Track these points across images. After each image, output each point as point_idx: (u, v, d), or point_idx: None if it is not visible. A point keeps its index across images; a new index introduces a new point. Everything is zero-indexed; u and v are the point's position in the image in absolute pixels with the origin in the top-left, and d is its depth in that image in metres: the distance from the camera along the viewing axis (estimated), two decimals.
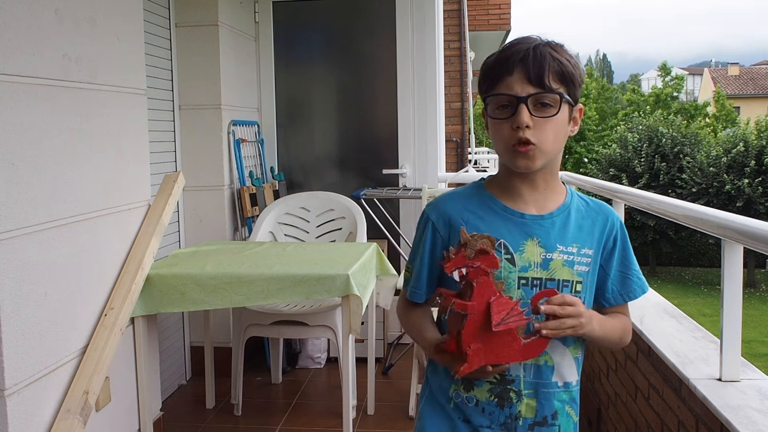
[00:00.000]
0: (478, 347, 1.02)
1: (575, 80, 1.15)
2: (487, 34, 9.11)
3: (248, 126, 3.90)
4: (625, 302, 1.27)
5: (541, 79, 1.11)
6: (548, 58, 1.12)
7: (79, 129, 2.16)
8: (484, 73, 1.18)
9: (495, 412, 1.18)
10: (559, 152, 1.20)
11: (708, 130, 25.00)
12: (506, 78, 1.13)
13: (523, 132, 1.11)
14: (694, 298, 16.12)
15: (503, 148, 1.16)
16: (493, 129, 1.17)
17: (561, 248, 1.18)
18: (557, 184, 1.24)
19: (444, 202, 1.24)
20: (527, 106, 1.11)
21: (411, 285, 1.27)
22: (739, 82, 37.67)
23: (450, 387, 1.22)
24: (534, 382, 1.17)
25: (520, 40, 1.17)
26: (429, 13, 4.02)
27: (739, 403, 1.57)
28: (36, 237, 1.92)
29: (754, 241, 1.54)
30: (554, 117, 1.13)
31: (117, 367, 2.37)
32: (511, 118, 1.12)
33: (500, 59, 1.15)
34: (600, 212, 1.25)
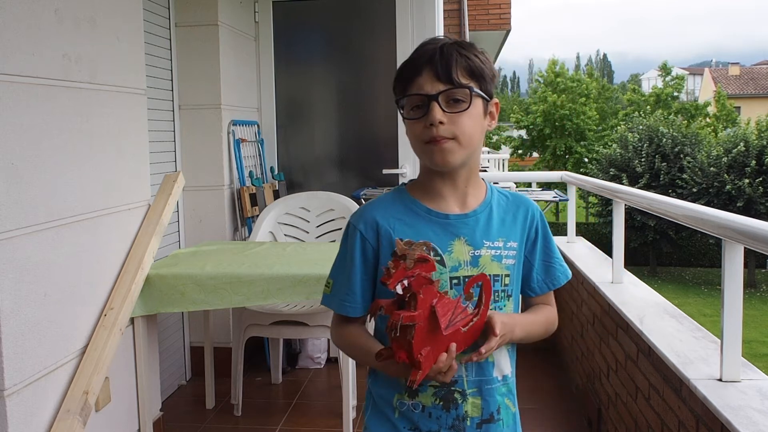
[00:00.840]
0: (428, 352, 1.02)
1: (485, 74, 1.17)
2: (487, 34, 9.11)
3: (248, 126, 3.89)
4: (549, 290, 1.30)
5: (450, 75, 1.13)
6: (455, 55, 1.14)
7: (79, 129, 2.16)
8: (396, 77, 1.19)
9: (442, 416, 1.18)
10: (477, 148, 1.20)
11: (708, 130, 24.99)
12: (416, 79, 1.15)
13: (437, 129, 1.12)
14: (694, 298, 16.11)
15: (420, 147, 1.17)
16: (410, 130, 1.18)
17: (488, 244, 1.20)
18: (477, 181, 1.25)
19: (370, 211, 1.23)
20: (439, 103, 1.12)
21: (341, 299, 1.24)
22: (740, 82, 37.66)
23: (394, 396, 1.21)
24: (477, 380, 1.18)
25: (428, 42, 1.19)
26: (429, 13, 4.02)
27: (740, 404, 1.57)
28: (36, 237, 1.92)
29: (755, 241, 1.54)
30: (467, 111, 1.14)
31: (117, 368, 2.37)
32: (424, 117, 1.14)
33: (409, 61, 1.17)
34: (520, 205, 1.27)
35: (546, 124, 29.31)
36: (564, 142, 29.12)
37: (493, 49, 10.80)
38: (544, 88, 30.64)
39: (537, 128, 29.56)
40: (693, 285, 17.78)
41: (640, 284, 2.83)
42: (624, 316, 2.34)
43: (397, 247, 1.03)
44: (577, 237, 4.11)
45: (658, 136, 18.18)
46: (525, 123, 30.30)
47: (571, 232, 4.11)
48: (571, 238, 4.08)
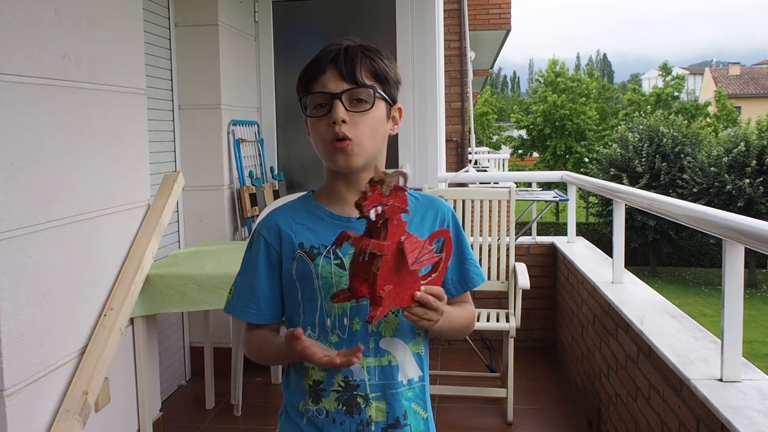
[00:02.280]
0: (390, 290, 0.99)
1: (389, 77, 1.18)
2: (487, 34, 9.11)
3: (248, 126, 3.89)
4: (465, 291, 1.27)
5: (354, 75, 1.13)
6: (360, 56, 1.15)
7: (79, 129, 2.16)
8: (300, 75, 1.19)
9: (345, 421, 1.15)
10: (379, 151, 1.19)
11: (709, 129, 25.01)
12: (320, 77, 1.15)
13: (339, 127, 1.11)
14: (694, 299, 16.10)
15: (322, 147, 1.15)
16: (312, 129, 1.17)
17: None
18: None
19: (273, 217, 1.22)
20: (342, 101, 1.12)
21: (244, 305, 1.21)
22: (740, 82, 37.65)
23: (300, 402, 1.19)
24: (380, 384, 1.16)
25: (333, 42, 1.18)
26: (429, 13, 4.01)
27: (740, 404, 1.57)
28: (36, 237, 1.92)
29: (755, 241, 1.54)
30: (369, 112, 1.14)
31: (116, 368, 2.37)
32: (327, 115, 1.13)
33: (314, 60, 1.17)
34: (430, 206, 1.24)
35: (546, 124, 29.32)
36: (564, 142, 29.12)
37: (493, 49, 10.80)
38: (544, 88, 30.65)
39: (537, 128, 29.56)
40: (693, 285, 17.78)
41: (640, 284, 2.83)
42: (624, 316, 2.34)
43: (375, 172, 1.01)
44: (578, 237, 4.11)
45: (658, 136, 18.18)
46: (525, 123, 30.31)
47: (571, 232, 4.11)
48: (571, 238, 4.08)
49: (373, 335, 1.15)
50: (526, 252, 4.03)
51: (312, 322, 1.16)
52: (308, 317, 1.16)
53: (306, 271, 1.15)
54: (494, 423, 3.00)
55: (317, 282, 1.15)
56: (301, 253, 1.16)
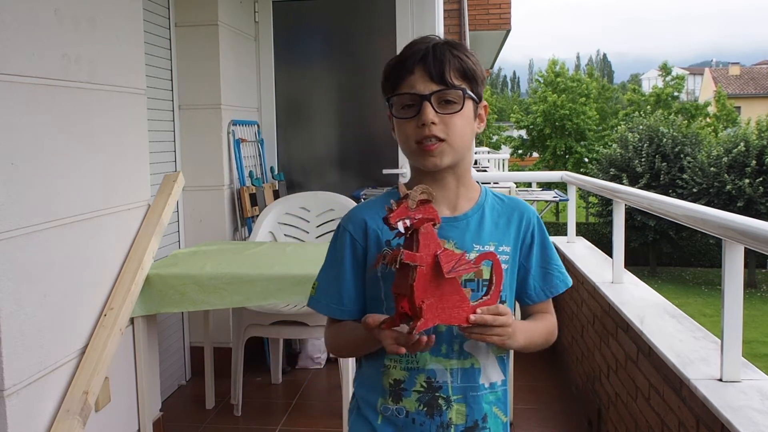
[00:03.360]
0: (431, 302, 0.98)
1: (477, 77, 1.16)
2: (487, 34, 9.11)
3: (248, 126, 3.89)
4: (548, 298, 1.26)
5: (443, 76, 1.11)
6: (448, 55, 1.13)
7: (79, 129, 2.16)
8: (386, 74, 1.17)
9: (426, 423, 1.15)
10: (468, 150, 1.19)
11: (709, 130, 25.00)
12: (408, 77, 1.13)
13: (429, 129, 1.11)
14: (694, 299, 16.11)
15: (410, 148, 1.15)
16: (399, 129, 1.16)
17: (477, 248, 1.16)
18: (470, 183, 1.22)
19: (359, 212, 1.22)
20: (431, 103, 1.11)
21: (329, 302, 1.21)
22: (740, 82, 37.66)
23: (378, 400, 1.18)
24: (462, 387, 1.15)
25: (419, 40, 1.17)
26: (429, 13, 4.01)
27: (740, 404, 1.57)
28: (36, 237, 1.92)
29: (755, 241, 1.54)
30: (459, 113, 1.13)
31: (116, 368, 2.37)
32: (416, 117, 1.12)
33: (401, 60, 1.15)
34: (515, 209, 1.23)
35: (546, 124, 29.32)
36: (564, 142, 29.12)
37: (493, 49, 10.79)
38: (544, 88, 30.64)
39: (537, 128, 29.56)
40: (693, 285, 17.78)
41: (640, 284, 2.82)
42: (624, 316, 2.34)
43: (399, 189, 1.01)
44: (577, 237, 4.11)
45: (658, 136, 18.18)
46: (525, 123, 30.30)
47: (571, 232, 4.11)
48: (571, 238, 4.08)
49: (458, 338, 1.13)
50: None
51: None
52: None
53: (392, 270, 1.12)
54: None
55: None
56: (388, 250, 1.14)
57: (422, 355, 1.13)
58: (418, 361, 1.15)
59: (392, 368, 1.16)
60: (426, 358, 1.14)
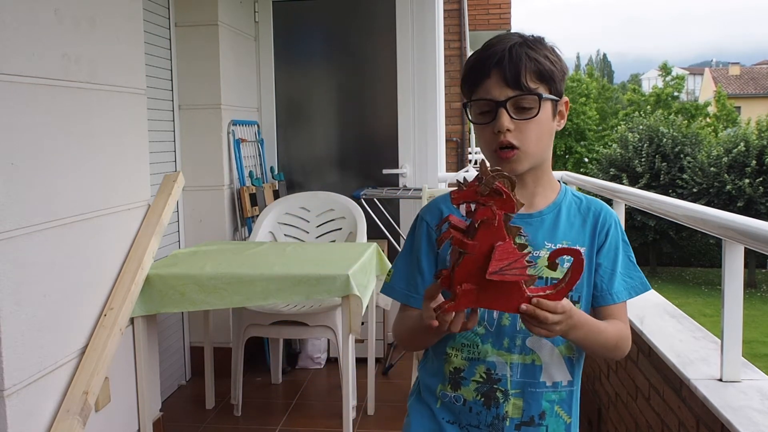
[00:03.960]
0: (469, 288, 0.94)
1: (555, 76, 1.15)
2: (487, 34, 9.10)
3: (248, 126, 3.89)
4: (621, 301, 1.20)
5: (518, 80, 1.10)
6: (524, 58, 1.11)
7: (79, 129, 2.16)
8: (464, 76, 1.17)
9: (482, 412, 1.16)
10: (546, 151, 1.18)
11: (709, 130, 24.98)
12: (484, 82, 1.12)
13: (504, 136, 1.10)
14: (694, 299, 16.11)
15: (488, 152, 1.15)
16: (478, 134, 1.17)
17: (549, 245, 1.15)
18: (549, 182, 1.22)
19: (439, 203, 1.23)
20: (507, 109, 1.10)
21: (406, 291, 1.21)
22: (740, 82, 37.65)
23: (437, 386, 1.21)
24: (521, 382, 1.15)
25: (497, 41, 1.14)
26: (429, 13, 4.02)
27: (740, 404, 1.57)
28: (36, 237, 1.92)
29: (755, 241, 1.54)
30: (535, 118, 1.12)
31: (116, 368, 2.37)
32: (492, 123, 1.11)
33: (478, 62, 1.13)
34: (593, 209, 1.22)
35: None
36: (564, 142, 29.12)
37: None
38: None
39: None
40: (693, 285, 17.78)
41: None
42: None
43: (480, 167, 0.94)
44: None
45: (658, 136, 18.18)
46: None
47: None
48: None
49: (521, 332, 1.13)
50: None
51: None
52: None
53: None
54: None
55: None
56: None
57: (483, 346, 1.15)
58: (480, 352, 1.15)
59: (453, 356, 1.17)
60: (487, 350, 1.15)
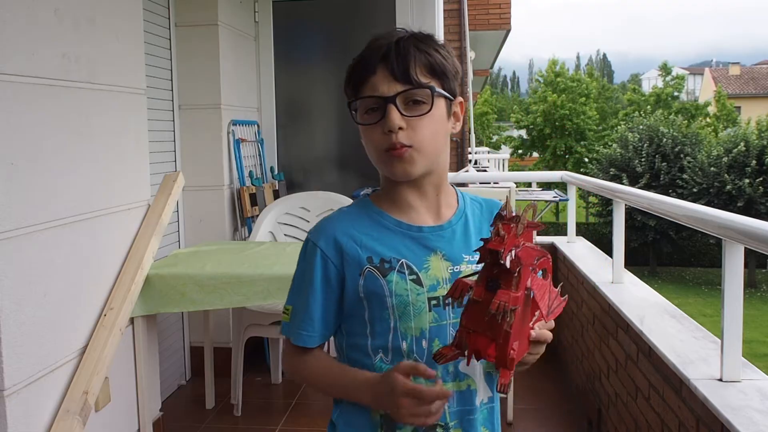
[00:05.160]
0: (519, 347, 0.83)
1: (447, 71, 1.04)
2: (487, 34, 9.11)
3: (248, 126, 3.89)
4: None
5: (408, 74, 1.00)
6: (413, 50, 1.01)
7: (79, 129, 2.16)
8: (347, 76, 1.06)
9: None
10: (442, 153, 1.07)
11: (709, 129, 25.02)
12: (370, 78, 1.02)
13: (396, 135, 0.99)
14: (694, 299, 16.10)
15: (377, 156, 1.04)
16: (364, 137, 1.04)
17: (467, 258, 1.06)
18: (447, 188, 1.11)
19: (331, 226, 1.07)
20: (396, 106, 0.99)
21: (298, 327, 1.07)
22: (740, 82, 37.65)
23: None
24: (458, 411, 1.05)
25: (382, 36, 1.05)
26: (429, 13, 4.02)
27: (740, 404, 1.57)
28: (36, 237, 1.92)
29: (755, 241, 1.54)
30: (428, 114, 1.01)
31: (116, 368, 2.37)
32: (381, 122, 1.00)
33: (362, 59, 1.04)
34: (495, 210, 1.13)
35: (546, 124, 29.33)
36: (564, 142, 29.13)
37: (493, 49, 10.79)
38: (544, 87, 30.66)
39: (537, 128, 29.58)
40: (693, 285, 17.78)
41: (640, 284, 2.82)
42: (624, 316, 2.34)
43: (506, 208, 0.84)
44: (577, 237, 4.11)
45: (658, 136, 18.18)
46: (525, 123, 30.32)
47: (571, 232, 4.10)
48: (571, 238, 4.07)
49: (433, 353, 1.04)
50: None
51: (384, 345, 1.04)
52: (379, 340, 1.04)
53: (376, 289, 1.02)
54: None
55: (390, 300, 1.02)
56: (371, 268, 1.03)
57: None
58: None
59: None
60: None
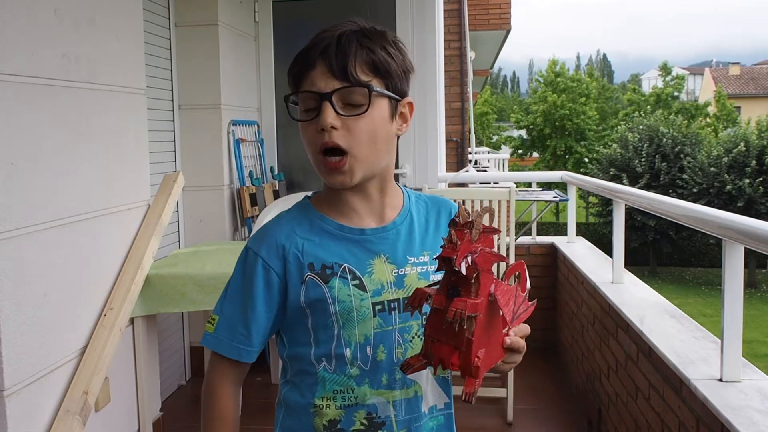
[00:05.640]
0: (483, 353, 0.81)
1: (391, 69, 0.98)
2: (487, 34, 9.11)
3: (248, 126, 3.89)
4: None
5: (345, 70, 0.94)
6: (354, 46, 0.96)
7: (79, 129, 2.16)
8: (289, 69, 1.01)
9: None
10: (385, 155, 1.00)
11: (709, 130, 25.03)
12: (309, 73, 0.96)
13: (330, 135, 0.94)
14: (694, 299, 16.10)
15: (313, 157, 0.99)
16: (302, 133, 0.99)
17: (412, 260, 1.02)
18: (392, 189, 1.06)
19: (272, 233, 1.02)
20: (332, 104, 0.94)
21: (233, 340, 1.02)
22: (740, 82, 37.66)
23: None
24: (406, 420, 1.01)
25: (329, 28, 1.00)
26: (429, 13, 4.02)
27: (740, 404, 1.57)
28: (36, 237, 1.92)
29: (755, 241, 1.54)
30: (365, 115, 0.95)
31: (116, 368, 2.37)
32: (316, 119, 0.95)
33: (302, 52, 0.99)
34: (441, 207, 1.09)
35: (546, 124, 29.35)
36: (564, 142, 29.14)
37: (493, 49, 10.79)
38: (544, 88, 30.67)
39: (537, 128, 29.59)
40: (693, 285, 17.78)
41: (640, 284, 2.82)
42: (624, 316, 2.34)
43: (460, 214, 0.81)
44: (578, 237, 4.11)
45: (658, 136, 18.19)
46: (525, 123, 30.34)
47: (571, 232, 4.10)
48: (571, 238, 4.08)
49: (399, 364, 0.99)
50: (526, 252, 4.03)
51: (327, 354, 1.00)
52: (322, 348, 1.01)
53: (319, 296, 0.98)
54: (494, 423, 3.00)
55: (333, 307, 0.98)
56: (312, 275, 0.99)
57: (360, 389, 0.99)
58: (356, 396, 1.00)
59: (326, 408, 1.00)
60: (365, 392, 1.00)
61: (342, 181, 0.98)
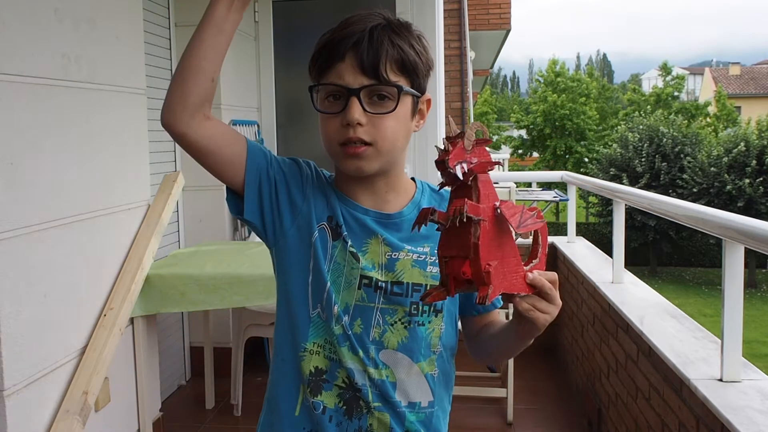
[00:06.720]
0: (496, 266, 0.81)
1: (418, 69, 0.99)
2: (487, 33, 9.11)
3: (248, 126, 3.89)
4: (495, 308, 1.08)
5: (377, 68, 0.95)
6: (386, 44, 0.96)
7: (79, 129, 2.16)
8: (315, 55, 1.01)
9: (343, 422, 1.01)
10: (401, 152, 1.03)
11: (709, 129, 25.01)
12: (337, 65, 0.97)
13: (355, 130, 0.95)
14: (694, 299, 16.10)
15: (332, 147, 1.00)
16: (322, 125, 1.00)
17: (409, 248, 1.02)
18: (401, 185, 1.07)
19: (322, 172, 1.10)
20: (360, 99, 0.95)
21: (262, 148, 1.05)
22: (741, 82, 37.65)
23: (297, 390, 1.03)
24: (381, 395, 1.01)
25: (357, 20, 0.99)
26: (429, 13, 4.01)
27: (740, 404, 1.57)
28: (36, 237, 1.92)
29: (755, 241, 1.54)
30: (393, 113, 0.97)
31: (116, 368, 2.37)
32: (341, 114, 0.96)
33: (332, 42, 0.98)
34: None
35: (546, 124, 29.33)
36: (564, 142, 29.12)
37: (493, 49, 10.79)
38: (544, 87, 30.65)
39: (537, 128, 29.57)
40: (693, 285, 17.78)
41: (640, 284, 2.83)
42: (624, 316, 2.34)
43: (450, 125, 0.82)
44: (577, 237, 4.11)
45: (658, 136, 18.18)
46: (525, 123, 30.31)
47: (571, 232, 4.10)
48: (571, 238, 4.08)
49: (374, 343, 1.00)
50: (526, 252, 4.03)
51: (320, 301, 1.02)
52: (317, 296, 1.02)
53: (322, 245, 1.01)
54: (494, 423, 3.00)
55: (328, 265, 1.01)
56: (326, 225, 1.02)
57: (341, 348, 0.99)
58: (338, 353, 1.00)
59: (315, 354, 1.01)
60: (344, 354, 1.00)
61: (358, 167, 0.99)
